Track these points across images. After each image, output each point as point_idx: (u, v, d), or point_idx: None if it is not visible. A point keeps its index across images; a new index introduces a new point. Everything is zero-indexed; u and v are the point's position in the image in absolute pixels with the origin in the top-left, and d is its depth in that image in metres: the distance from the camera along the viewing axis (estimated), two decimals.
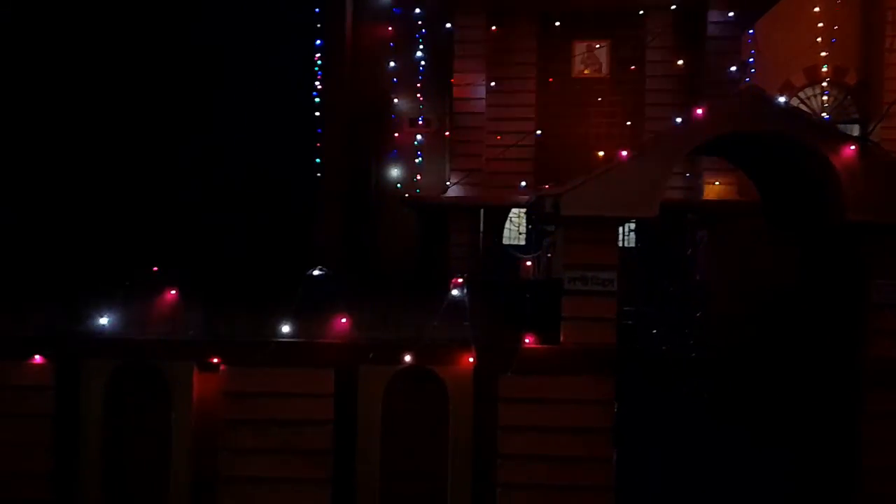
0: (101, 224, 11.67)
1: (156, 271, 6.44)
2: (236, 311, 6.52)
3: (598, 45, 12.20)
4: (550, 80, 12.27)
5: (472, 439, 6.59)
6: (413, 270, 12.89)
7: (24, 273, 7.06)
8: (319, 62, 14.29)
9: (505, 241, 13.01)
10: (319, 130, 14.15)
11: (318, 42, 14.52)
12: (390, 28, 14.10)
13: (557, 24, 12.08)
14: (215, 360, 6.41)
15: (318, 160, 14.14)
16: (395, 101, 14.12)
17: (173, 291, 6.45)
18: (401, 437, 6.61)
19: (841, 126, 12.90)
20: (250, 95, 13.14)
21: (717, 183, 11.26)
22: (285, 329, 6.41)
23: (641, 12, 11.86)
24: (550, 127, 12.21)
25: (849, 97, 13.06)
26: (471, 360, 6.55)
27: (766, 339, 7.90)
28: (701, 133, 6.48)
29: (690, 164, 11.29)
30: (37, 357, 6.37)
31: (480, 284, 8.83)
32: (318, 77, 14.41)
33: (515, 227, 12.90)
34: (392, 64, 13.86)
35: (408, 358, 6.47)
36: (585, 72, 12.31)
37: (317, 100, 14.62)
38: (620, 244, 11.58)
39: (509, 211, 12.71)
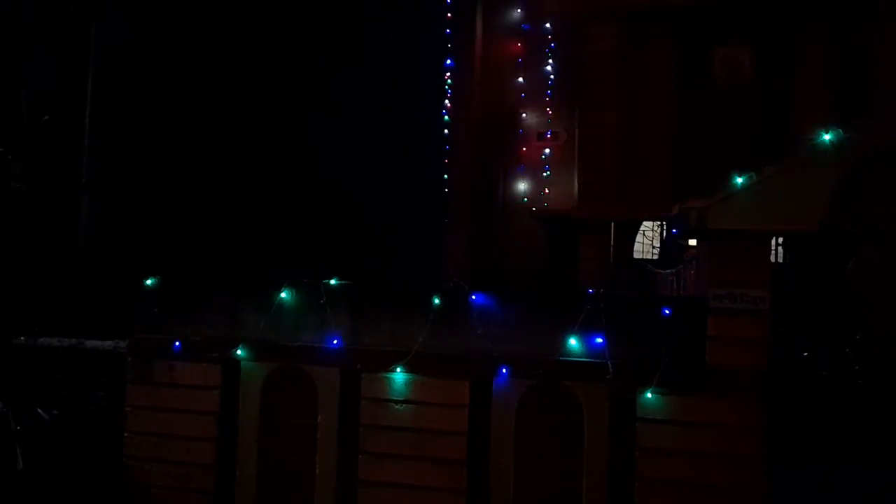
0: (256, 232, 12.69)
1: (305, 281, 6.90)
2: (377, 320, 6.83)
3: (738, 51, 11.57)
4: (687, 88, 11.79)
5: (609, 459, 6.42)
6: (539, 284, 12.84)
7: (191, 274, 7.76)
8: (449, 81, 14.74)
9: (636, 256, 12.61)
10: (448, 147, 14.58)
11: (449, 61, 15.01)
12: (519, 44, 14.28)
13: (694, 30, 11.61)
14: (357, 367, 6.75)
15: (446, 176, 14.57)
16: (524, 115, 14.23)
17: (321, 301, 6.88)
18: (534, 453, 6.57)
19: None
20: (385, 115, 13.78)
21: None
22: (421, 339, 6.61)
23: (790, 9, 11.10)
24: (689, 137, 11.72)
25: None
26: (607, 377, 6.39)
27: None
28: (873, 140, 5.93)
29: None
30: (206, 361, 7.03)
31: (619, 300, 8.61)
32: (448, 95, 14.87)
33: (648, 241, 12.47)
34: (520, 79, 14.01)
35: (542, 372, 6.44)
36: (727, 78, 11.71)
37: (446, 118, 15.09)
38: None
39: (640, 224, 12.32)
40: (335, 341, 6.76)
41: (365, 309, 6.88)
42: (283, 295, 6.98)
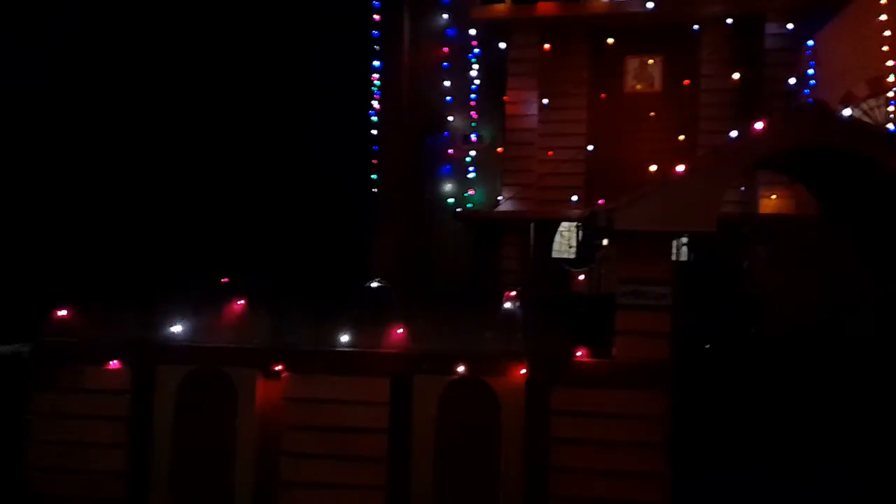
0: (173, 232, 12.30)
1: (225, 282, 6.82)
2: (299, 320, 6.82)
3: (650, 61, 12.21)
4: (602, 95, 12.34)
5: (525, 451, 6.67)
6: (465, 284, 13.10)
7: (99, 276, 7.51)
8: (378, 83, 14.78)
9: (555, 255, 13.06)
10: (376, 148, 14.62)
11: (377, 63, 15.05)
12: (445, 49, 14.50)
13: (610, 40, 12.17)
14: (278, 368, 6.72)
15: (374, 176, 14.59)
16: (450, 118, 14.46)
17: (241, 301, 6.81)
18: (454, 447, 6.74)
19: None
20: (312, 114, 13.67)
21: (773, 197, 11.06)
22: (344, 339, 6.66)
23: (696, 27, 11.83)
24: (602, 142, 12.27)
25: None
26: (523, 371, 6.65)
27: (822, 354, 7.70)
28: (761, 147, 6.45)
29: (746, 178, 11.12)
30: (114, 362, 6.81)
31: (532, 297, 8.93)
32: (377, 97, 14.91)
33: (566, 241, 12.94)
34: (447, 83, 14.23)
35: (461, 369, 6.63)
36: (638, 87, 12.34)
37: (374, 119, 15.12)
38: (673, 259, 11.56)
39: (559, 225, 12.78)
40: (255, 341, 6.71)
41: (286, 309, 6.86)
42: (200, 295, 6.85)
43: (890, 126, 12.18)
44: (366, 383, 6.64)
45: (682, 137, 11.90)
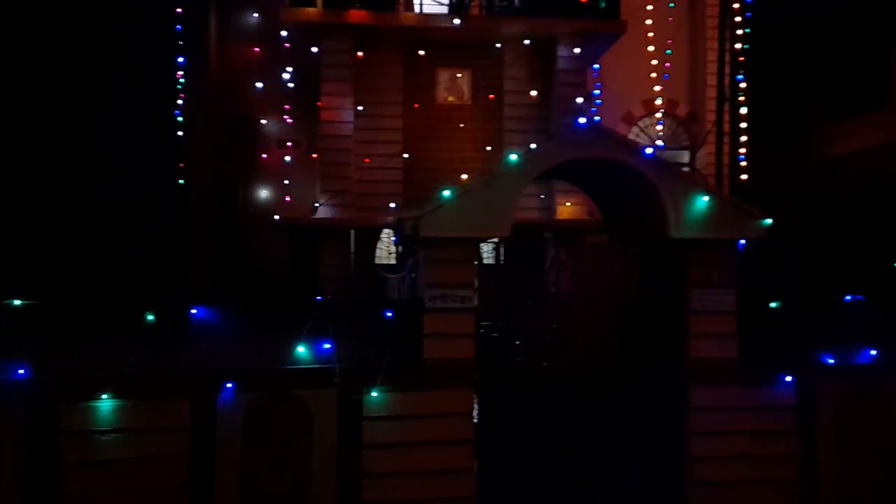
0: None
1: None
2: (77, 343, 6.13)
3: (459, 74, 12.82)
4: (416, 105, 12.70)
5: (338, 461, 6.63)
6: (285, 293, 12.71)
7: None
8: (183, 80, 13.84)
9: (378, 262, 13.17)
10: (185, 151, 13.67)
11: (181, 60, 14.08)
12: (257, 49, 13.98)
13: (421, 52, 12.56)
14: (51, 397, 5.97)
15: (181, 181, 13.61)
16: (264, 121, 13.96)
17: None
18: (264, 463, 6.50)
19: (674, 152, 14.54)
20: (110, 113, 12.36)
21: (568, 204, 12.19)
22: (133, 360, 6.11)
23: (498, 45, 12.64)
24: (417, 150, 12.62)
25: (680, 127, 14.70)
26: (334, 381, 6.61)
27: (613, 345, 8.61)
28: (545, 160, 7.06)
29: (545, 187, 12.13)
30: None
31: (349, 305, 8.90)
32: (182, 95, 13.95)
33: (386, 248, 13.12)
34: (259, 85, 13.72)
35: (269, 383, 6.41)
36: (449, 98, 12.89)
37: (180, 119, 14.13)
38: (492, 262, 12.22)
39: (380, 232, 12.91)
40: (21, 371, 5.89)
41: (62, 331, 6.13)
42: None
43: (659, 142, 14.05)
44: (162, 408, 6.16)
45: (489, 148, 12.63)
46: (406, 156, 12.58)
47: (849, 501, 7.22)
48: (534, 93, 12.57)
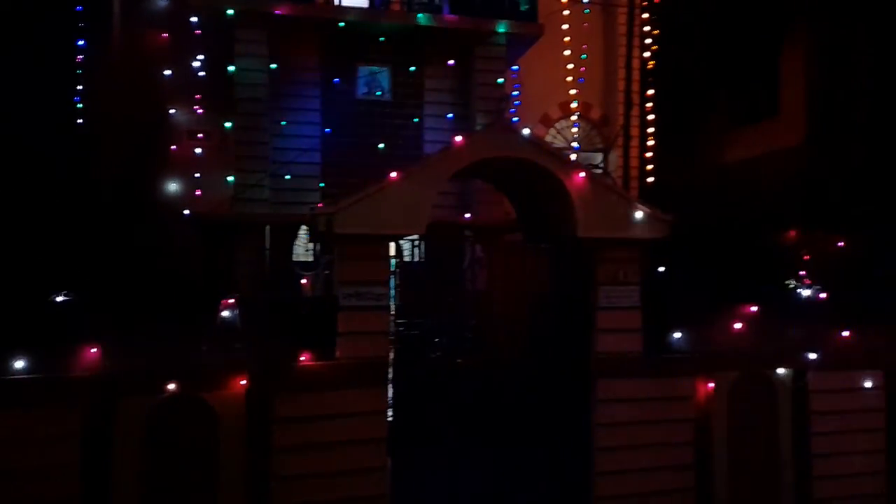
0: None
1: None
2: None
3: (378, 70, 12.70)
4: (335, 99, 12.48)
5: (247, 465, 6.43)
6: (196, 291, 12.16)
7: None
8: (83, 64, 13.01)
9: (297, 259, 12.86)
10: (87, 140, 12.85)
11: (81, 42, 13.24)
12: (166, 34, 13.31)
13: (340, 46, 12.35)
14: None
15: (80, 172, 12.77)
16: (173, 111, 13.31)
17: None
18: (166, 474, 6.21)
19: (588, 154, 15.04)
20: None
21: (486, 203, 12.32)
22: (18, 365, 5.66)
23: (419, 42, 12.62)
24: (337, 147, 12.41)
25: (594, 129, 15.21)
26: (242, 382, 6.39)
27: (526, 339, 8.81)
28: (460, 159, 7.10)
29: (464, 185, 12.22)
30: None
31: (262, 303, 8.64)
32: (82, 80, 13.12)
33: (304, 245, 12.83)
34: (168, 72, 13.07)
35: (171, 386, 6.12)
36: (371, 95, 12.73)
37: (79, 105, 13.28)
38: (411, 259, 12.19)
39: (298, 228, 12.61)
40: None
41: None
42: None
43: (574, 144, 14.48)
44: (48, 416, 5.74)
45: (407, 145, 12.58)
46: (326, 151, 12.35)
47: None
48: (453, 92, 12.64)
